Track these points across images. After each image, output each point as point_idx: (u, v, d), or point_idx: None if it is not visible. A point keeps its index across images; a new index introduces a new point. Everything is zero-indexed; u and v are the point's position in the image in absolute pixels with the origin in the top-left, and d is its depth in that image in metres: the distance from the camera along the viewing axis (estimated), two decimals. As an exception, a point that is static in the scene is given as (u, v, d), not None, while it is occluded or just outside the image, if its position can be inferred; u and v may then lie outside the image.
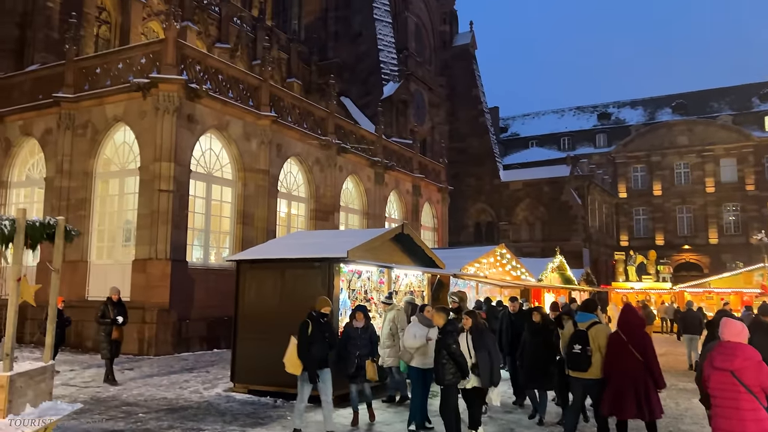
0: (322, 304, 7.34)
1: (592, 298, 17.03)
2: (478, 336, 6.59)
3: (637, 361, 6.07)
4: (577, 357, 6.52)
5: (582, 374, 6.51)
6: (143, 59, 15.59)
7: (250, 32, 31.02)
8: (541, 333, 7.93)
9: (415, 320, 7.69)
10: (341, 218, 22.46)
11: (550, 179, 41.44)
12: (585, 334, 6.57)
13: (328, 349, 7.14)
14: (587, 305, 7.30)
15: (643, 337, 6.25)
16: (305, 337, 6.95)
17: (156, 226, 14.67)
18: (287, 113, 19.41)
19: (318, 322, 7.09)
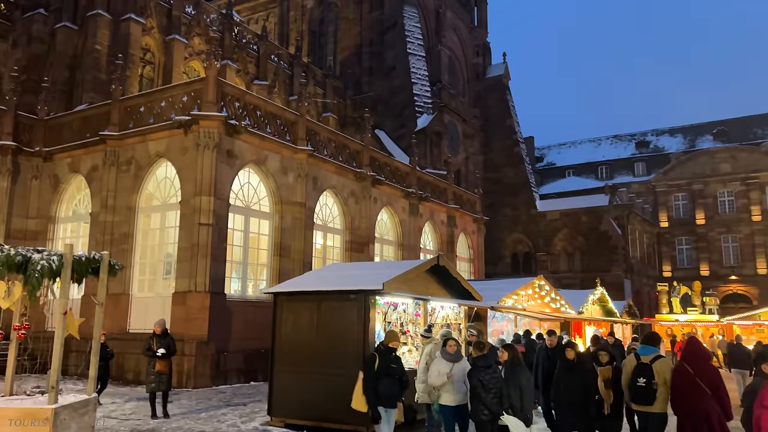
0: (391, 338, 6.96)
1: (655, 331, 16.41)
2: (512, 371, 6.45)
3: (706, 394, 5.88)
4: (642, 390, 6.39)
5: (647, 408, 6.39)
6: (185, 97, 16.13)
7: (287, 69, 31.84)
8: (576, 370, 7.58)
9: (439, 356, 7.41)
10: (376, 249, 22.49)
11: (588, 209, 40.77)
12: (649, 368, 6.42)
13: (397, 387, 6.76)
14: (651, 338, 7.04)
15: (711, 369, 6.07)
16: (371, 372, 6.62)
17: (195, 259, 14.94)
18: (323, 147, 19.72)
19: (386, 357, 6.72)
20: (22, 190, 18.47)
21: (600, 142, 59.35)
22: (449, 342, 7.40)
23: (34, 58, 23.63)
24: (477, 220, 31.19)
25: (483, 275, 31.08)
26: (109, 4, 22.88)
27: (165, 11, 24.84)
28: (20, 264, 5.36)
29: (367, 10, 38.42)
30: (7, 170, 17.94)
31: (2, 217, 17.78)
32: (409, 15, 37.14)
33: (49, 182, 18.72)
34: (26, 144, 18.51)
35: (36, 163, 18.70)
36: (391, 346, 6.89)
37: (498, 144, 45.21)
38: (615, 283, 35.77)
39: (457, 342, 7.48)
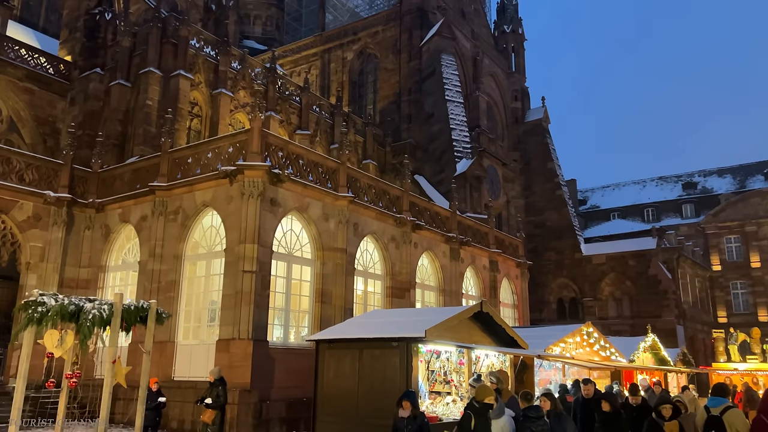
0: (484, 393, 6.42)
1: (724, 381, 15.52)
2: (557, 421, 6.19)
3: None
4: None
5: None
6: (231, 148, 16.65)
7: (329, 118, 32.62)
8: (614, 424, 7.13)
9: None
10: (417, 295, 22.29)
11: (635, 252, 39.63)
12: (720, 420, 6.03)
13: None
14: (720, 389, 6.62)
15: None
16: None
17: (239, 306, 15.10)
18: (363, 193, 19.93)
19: (482, 415, 6.26)
20: (76, 240, 19.19)
21: (645, 183, 58.20)
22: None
23: (90, 114, 24.97)
24: (520, 265, 30.67)
25: (528, 322, 30.33)
26: (160, 61, 24.09)
27: (212, 67, 25.96)
28: (73, 313, 5.52)
29: (406, 60, 39.31)
30: (62, 221, 18.72)
31: (56, 267, 18.46)
32: (446, 63, 37.79)
33: (101, 232, 19.42)
34: (80, 196, 19.33)
35: (89, 214, 19.47)
36: (487, 402, 6.37)
37: (539, 187, 44.82)
38: (667, 329, 34.34)
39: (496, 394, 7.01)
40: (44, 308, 5.44)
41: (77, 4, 27.42)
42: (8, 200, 17.87)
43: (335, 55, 42.56)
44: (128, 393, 14.64)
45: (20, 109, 24.83)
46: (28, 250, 18.25)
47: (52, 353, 5.58)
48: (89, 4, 27.15)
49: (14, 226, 18.11)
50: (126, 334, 6.32)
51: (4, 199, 17.78)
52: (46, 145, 25.15)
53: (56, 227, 18.59)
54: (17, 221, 18.11)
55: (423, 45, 38.58)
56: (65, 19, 28.20)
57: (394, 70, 39.90)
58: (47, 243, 18.49)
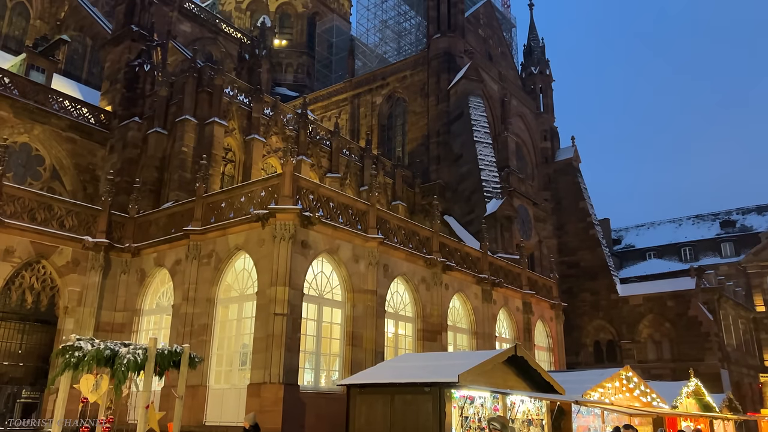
0: None
1: None
2: None
3: None
4: None
5: None
6: (263, 192, 16.94)
7: (358, 161, 33.03)
8: None
9: None
10: (449, 338, 21.94)
11: (673, 293, 38.43)
12: None
13: None
14: None
15: None
16: None
17: (270, 349, 15.06)
18: (393, 234, 19.94)
19: None
20: (112, 285, 19.57)
21: (681, 222, 56.96)
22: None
23: (128, 162, 25.79)
24: (554, 306, 30.04)
25: (564, 365, 29.48)
26: (195, 109, 24.88)
27: (246, 114, 26.68)
28: (108, 358, 5.59)
29: (434, 103, 39.82)
30: (99, 266, 19.15)
31: (93, 311, 18.79)
32: (474, 105, 38.12)
33: (137, 276, 19.77)
34: (117, 241, 19.80)
35: (125, 258, 19.89)
36: None
37: (572, 227, 44.25)
38: (710, 373, 32.93)
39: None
40: (81, 353, 5.53)
41: (118, 57, 28.70)
42: (49, 246, 18.41)
43: (364, 100, 43.39)
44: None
45: (62, 158, 25.82)
46: (67, 295, 18.66)
47: (87, 398, 5.62)
48: (129, 57, 28.38)
49: (54, 271, 18.60)
50: (159, 378, 6.35)
51: (45, 245, 18.33)
52: (85, 192, 25.99)
53: (93, 272, 19.01)
54: (57, 266, 18.60)
55: (450, 88, 39.09)
56: (107, 71, 29.49)
57: (422, 113, 40.42)
58: (85, 287, 18.89)
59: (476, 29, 45.00)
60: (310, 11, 53.71)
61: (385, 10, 49.66)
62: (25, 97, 24.38)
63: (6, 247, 17.53)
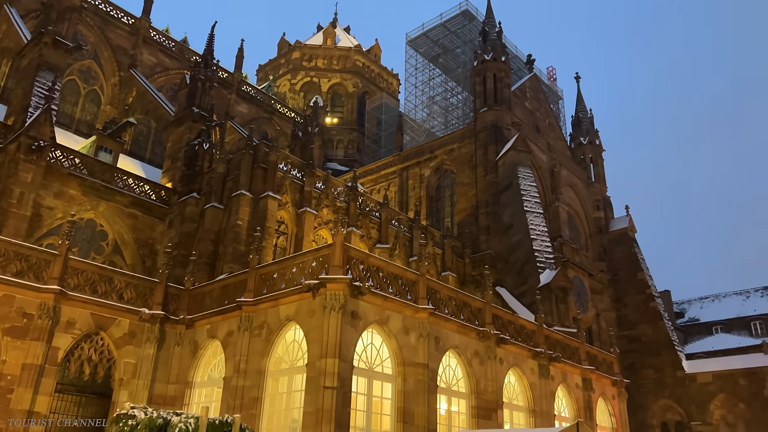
0: None
1: None
2: None
3: None
4: None
5: None
6: (314, 263, 17.10)
7: (407, 232, 33.14)
8: None
9: None
10: (505, 416, 20.92)
11: (746, 370, 35.85)
12: None
13: None
14: None
15: None
16: None
17: (320, 425, 14.70)
18: (444, 305, 19.58)
19: None
20: (166, 357, 19.78)
21: (749, 294, 53.98)
22: None
23: (185, 236, 26.66)
24: (616, 383, 28.42)
25: (630, 448, 27.50)
26: (250, 185, 25.77)
27: (298, 188, 27.43)
28: (161, 427, 5.55)
29: (482, 174, 40.03)
30: (154, 338, 19.47)
31: (146, 383, 18.95)
32: (523, 175, 38.09)
33: (189, 348, 19.95)
34: (173, 313, 20.18)
35: (179, 330, 20.17)
36: None
37: (630, 299, 42.56)
38: (796, 459, 30.05)
39: None
40: (134, 421, 5.53)
41: (179, 137, 30.34)
42: (108, 318, 18.91)
43: (413, 173, 44.06)
44: None
45: (124, 233, 26.94)
46: (122, 367, 18.94)
47: (139, 468, 5.57)
48: (190, 137, 29.95)
49: (111, 342, 19.00)
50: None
51: (104, 317, 18.84)
52: (144, 266, 26.88)
53: (149, 344, 19.32)
54: (114, 338, 19.01)
55: (498, 159, 39.32)
56: (168, 150, 31.15)
57: (470, 184, 40.61)
58: (140, 359, 19.16)
59: (523, 102, 45.66)
60: (360, 91, 55.95)
61: (432, 87, 51.26)
62: (93, 176, 25.85)
63: (68, 320, 18.08)
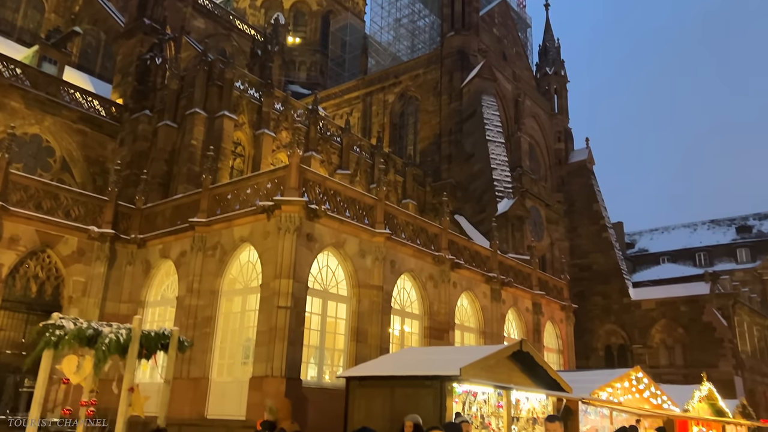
0: None
1: None
2: None
3: None
4: None
5: None
6: (269, 184, 16.75)
7: (369, 159, 32.79)
8: None
9: None
10: (456, 337, 21.60)
11: (687, 298, 37.81)
12: None
13: None
14: None
15: None
16: None
17: (273, 343, 14.85)
18: (401, 230, 19.66)
19: None
20: (117, 276, 19.47)
21: (696, 227, 56.14)
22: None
23: (138, 155, 25.75)
24: (565, 308, 29.56)
25: (574, 368, 28.98)
26: (205, 103, 24.80)
27: (256, 108, 26.56)
28: (91, 337, 5.38)
29: (446, 101, 39.48)
30: (105, 256, 19.06)
31: (97, 302, 18.70)
32: (487, 104, 37.75)
33: (142, 268, 19.66)
34: (123, 232, 19.71)
35: (131, 249, 19.78)
36: None
37: (585, 230, 43.72)
38: (723, 380, 32.28)
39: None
40: (62, 331, 5.33)
41: (130, 50, 28.74)
42: (54, 235, 18.35)
43: (377, 98, 43.16)
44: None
45: (72, 150, 25.85)
46: (71, 285, 18.59)
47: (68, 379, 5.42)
48: (141, 51, 28.39)
49: (59, 260, 18.54)
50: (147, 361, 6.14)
51: (51, 234, 18.27)
52: (95, 184, 25.98)
53: (99, 262, 18.93)
54: (62, 256, 18.53)
55: (464, 86, 38.74)
56: (118, 64, 29.56)
57: (434, 112, 40.10)
58: (89, 278, 18.81)
59: (491, 28, 44.62)
60: (324, 9, 53.61)
61: (399, 8, 49.46)
62: (36, 89, 24.43)
63: (11, 236, 17.47)
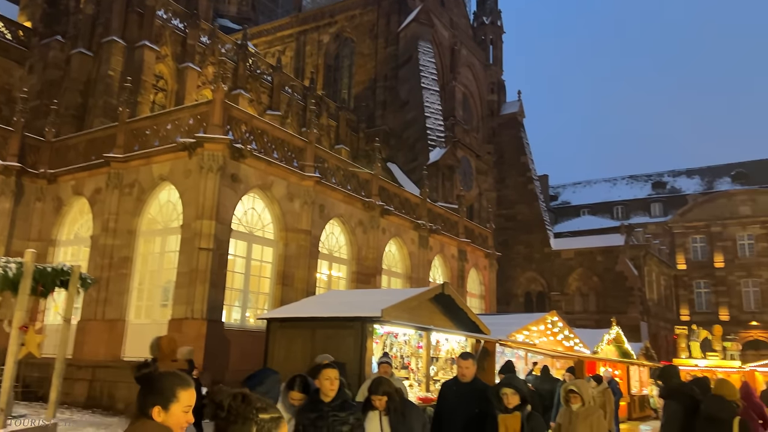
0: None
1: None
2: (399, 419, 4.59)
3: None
4: None
5: None
6: (191, 120, 15.90)
7: (301, 101, 31.85)
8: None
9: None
10: (384, 281, 21.84)
11: (603, 248, 39.87)
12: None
13: None
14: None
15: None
16: None
17: (194, 285, 14.44)
18: (331, 175, 19.35)
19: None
20: (25, 212, 18.22)
21: (615, 182, 58.72)
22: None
23: (49, 84, 23.77)
24: (489, 256, 30.45)
25: (494, 313, 30.17)
26: (124, 31, 23.07)
27: (180, 40, 25.00)
28: (-24, 271, 4.90)
29: (383, 45, 38.67)
30: (10, 191, 17.73)
31: (2, 239, 17.47)
32: (423, 50, 37.27)
33: (53, 205, 18.47)
34: (31, 166, 18.33)
35: (40, 185, 18.49)
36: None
37: (512, 181, 44.79)
38: (631, 325, 34.62)
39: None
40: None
41: (39, -33, 26.09)
42: (-48, 167, 16.85)
43: (311, 38, 41.70)
44: (74, 372, 13.95)
45: (-27, 75, 23.55)
46: (-27, 221, 17.26)
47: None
48: (52, -32, 25.85)
49: (-42, 194, 17.09)
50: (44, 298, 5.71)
51: (-52, 166, 16.76)
52: (0, 114, 23.92)
53: (4, 197, 17.59)
54: (-39, 189, 17.10)
55: (401, 31, 37.99)
56: (26, -18, 26.84)
57: (370, 56, 39.24)
58: (-6, 214, 17.50)
59: (430, -28, 43.59)
60: (257, -61, 50.61)
61: (336, -57, 47.34)
62: (-73, 3, 21.86)
63: None
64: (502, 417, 4.48)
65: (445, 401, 5.36)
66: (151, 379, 2.34)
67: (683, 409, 5.28)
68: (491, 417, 4.54)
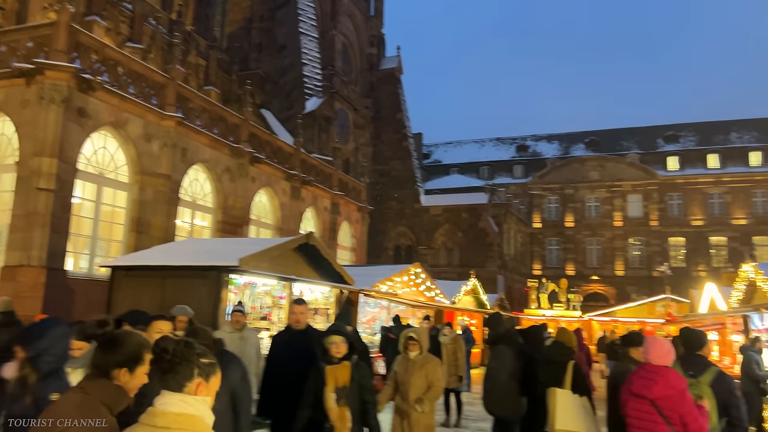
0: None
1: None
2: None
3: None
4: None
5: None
6: (30, 43, 13.96)
7: (167, 35, 29.35)
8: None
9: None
10: (252, 232, 21.18)
11: (468, 206, 41.78)
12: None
13: None
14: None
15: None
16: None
17: (32, 229, 12.96)
18: (196, 116, 18.12)
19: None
20: None
21: (484, 143, 61.38)
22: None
23: None
24: (361, 209, 30.68)
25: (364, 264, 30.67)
26: (-53, -69, 19.61)
27: (21, -50, 21.77)
28: None
29: (260, -17, 36.63)
30: None
31: None
32: (303, -7, 35.83)
33: None
34: None
35: None
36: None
37: (388, 137, 45.12)
38: (489, 278, 36.88)
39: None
40: None
41: None
42: None
43: (181, -32, 38.33)
44: None
45: None
46: None
47: None
48: None
49: None
50: None
51: None
52: None
53: None
54: None
55: (279, -30, 36.12)
56: None
57: (246, -7, 37.02)
58: None
59: None
60: None
61: None
62: None
63: None
64: (331, 368, 4.29)
65: (277, 353, 5.17)
66: (116, 339, 2.29)
67: (513, 353, 5.73)
68: (317, 369, 4.36)
